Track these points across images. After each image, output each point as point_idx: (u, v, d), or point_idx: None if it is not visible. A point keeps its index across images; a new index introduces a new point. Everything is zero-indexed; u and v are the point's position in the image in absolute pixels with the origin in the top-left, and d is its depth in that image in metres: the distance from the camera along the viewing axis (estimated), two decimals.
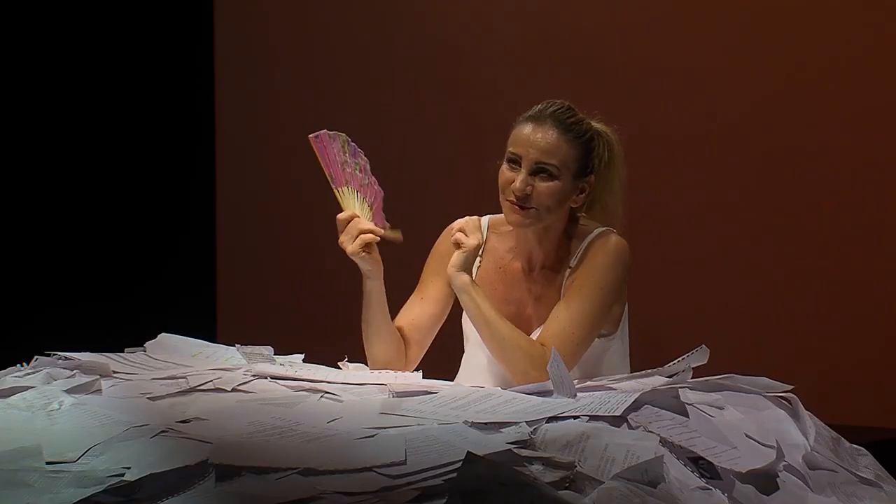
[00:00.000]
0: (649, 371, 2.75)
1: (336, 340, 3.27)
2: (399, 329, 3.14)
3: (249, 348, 3.12)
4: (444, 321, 3.16)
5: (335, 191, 3.08)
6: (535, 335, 2.96)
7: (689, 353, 2.51)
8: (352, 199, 3.10)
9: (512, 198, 2.94)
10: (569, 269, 3.00)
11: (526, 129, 2.99)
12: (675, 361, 2.52)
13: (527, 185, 2.93)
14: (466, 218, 3.05)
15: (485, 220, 3.16)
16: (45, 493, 2.03)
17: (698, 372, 2.45)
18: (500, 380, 2.95)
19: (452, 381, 3.03)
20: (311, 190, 5.76)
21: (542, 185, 2.94)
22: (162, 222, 5.86)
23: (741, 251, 4.58)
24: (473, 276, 3.00)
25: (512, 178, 2.95)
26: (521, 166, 2.95)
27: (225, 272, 5.94)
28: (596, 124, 3.07)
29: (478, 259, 3.11)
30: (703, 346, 2.49)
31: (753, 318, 4.54)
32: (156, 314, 4.97)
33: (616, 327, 3.02)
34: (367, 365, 3.10)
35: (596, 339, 2.97)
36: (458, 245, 2.97)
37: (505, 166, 2.98)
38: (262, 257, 5.84)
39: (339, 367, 3.04)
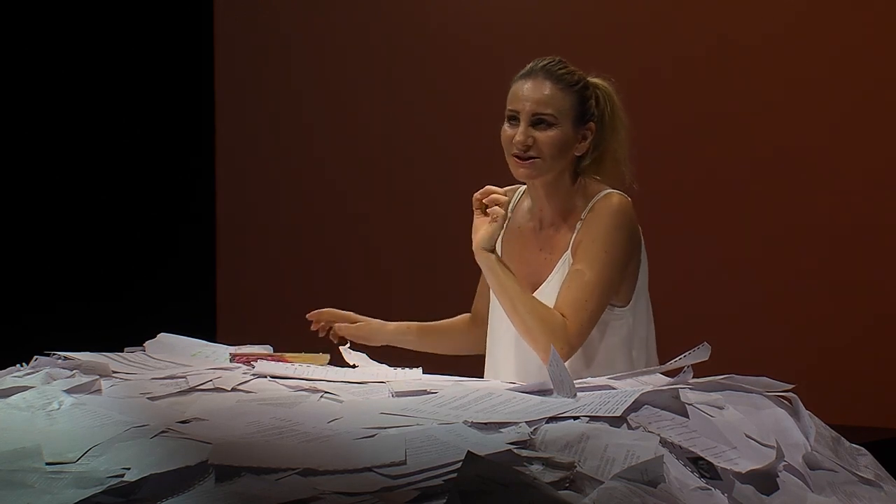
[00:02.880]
0: (650, 369, 2.76)
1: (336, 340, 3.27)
2: (476, 312, 3.28)
3: (249, 348, 3.12)
4: None
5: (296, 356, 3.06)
6: (543, 288, 3.02)
7: (691, 351, 2.51)
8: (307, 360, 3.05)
9: (515, 151, 3.01)
10: (575, 231, 3.03)
11: (520, 86, 3.07)
12: (677, 359, 2.52)
13: (527, 137, 3.00)
14: (503, 190, 3.05)
15: (522, 188, 3.21)
16: (45, 493, 2.03)
17: (699, 371, 2.45)
18: (522, 357, 3.02)
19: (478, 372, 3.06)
20: (310, 190, 5.78)
21: (542, 135, 3.01)
22: (162, 222, 5.86)
23: (742, 251, 4.59)
24: (499, 241, 3.05)
25: (513, 134, 3.02)
26: (520, 121, 3.02)
27: (225, 272, 5.94)
28: (593, 79, 3.12)
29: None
30: (705, 342, 2.49)
31: (754, 317, 4.54)
32: (156, 314, 4.96)
33: (627, 301, 3.04)
34: (367, 355, 3.11)
35: (622, 308, 3.02)
36: (490, 216, 2.98)
37: (506, 125, 3.06)
38: (262, 257, 5.84)
39: (341, 353, 3.06)
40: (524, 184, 3.16)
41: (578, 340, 2.93)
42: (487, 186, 3.01)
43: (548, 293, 3.01)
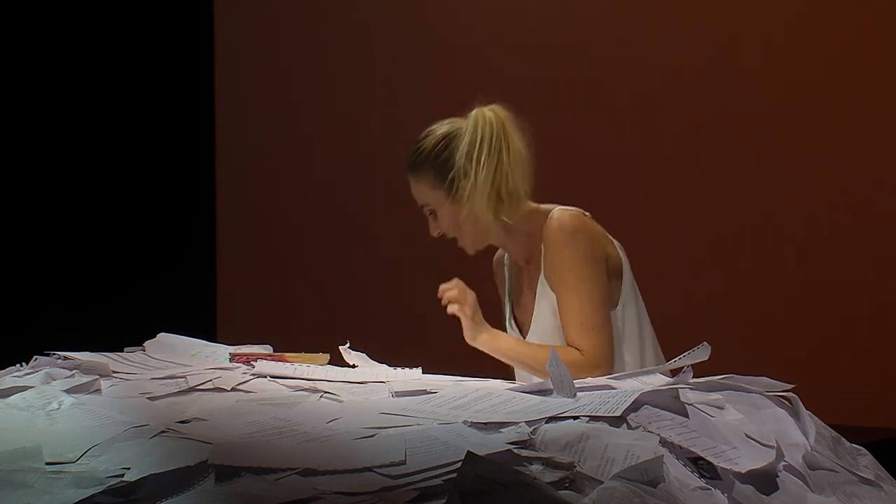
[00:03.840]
0: (649, 369, 2.76)
1: (336, 340, 3.27)
2: None
3: (249, 348, 3.12)
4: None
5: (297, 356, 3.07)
6: (535, 316, 3.07)
7: (691, 351, 2.51)
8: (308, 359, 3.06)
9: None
10: (542, 257, 3.06)
11: None
12: (677, 359, 2.52)
13: (436, 229, 3.12)
14: (452, 284, 3.06)
15: (503, 254, 3.27)
16: (44, 493, 2.02)
17: (699, 371, 2.45)
18: None
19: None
20: (310, 190, 5.78)
21: (440, 222, 3.11)
22: (162, 222, 5.86)
23: (742, 251, 4.59)
24: (511, 306, 3.14)
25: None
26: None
27: (225, 272, 5.94)
28: (463, 120, 3.13)
29: (507, 283, 3.22)
30: (705, 342, 2.49)
31: (753, 317, 4.54)
32: (156, 314, 4.97)
33: (617, 298, 3.05)
34: (367, 354, 3.11)
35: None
36: (455, 313, 3.02)
37: None
38: (262, 257, 5.84)
39: (341, 353, 3.06)
40: None
41: (605, 360, 2.95)
42: (440, 287, 3.02)
43: (539, 319, 3.07)
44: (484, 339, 3.00)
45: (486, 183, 3.03)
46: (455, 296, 3.01)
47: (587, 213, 3.08)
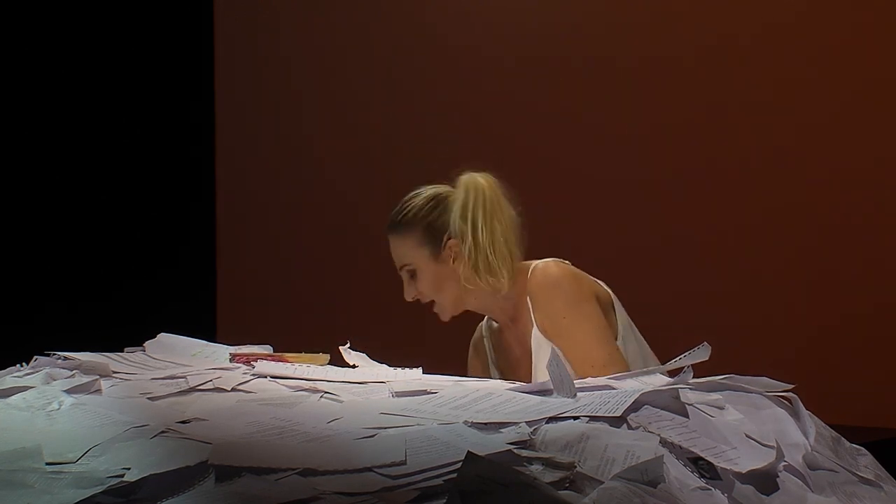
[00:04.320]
0: (650, 369, 2.75)
1: (336, 340, 3.27)
2: None
3: (249, 348, 3.12)
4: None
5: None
6: (535, 371, 3.02)
7: (691, 351, 2.51)
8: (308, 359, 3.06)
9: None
10: (531, 311, 3.04)
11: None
12: (677, 359, 2.52)
13: (412, 292, 3.09)
14: None
15: (480, 327, 3.25)
16: (44, 493, 2.02)
17: (699, 371, 2.45)
18: None
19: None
20: (311, 190, 5.78)
21: (419, 284, 3.07)
22: (162, 222, 5.86)
23: (742, 251, 4.59)
24: (499, 375, 3.14)
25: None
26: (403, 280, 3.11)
27: (225, 272, 5.94)
28: (465, 177, 3.08)
29: (489, 355, 3.22)
30: (705, 342, 2.49)
31: (754, 317, 4.54)
32: (156, 314, 4.97)
33: (614, 336, 3.05)
34: (367, 354, 3.12)
35: None
36: None
37: None
38: (262, 257, 5.84)
39: (341, 353, 3.06)
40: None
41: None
42: None
43: (541, 368, 3.02)
44: None
45: (485, 244, 3.03)
46: None
47: (566, 261, 3.07)
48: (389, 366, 3.03)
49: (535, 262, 3.06)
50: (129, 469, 2.06)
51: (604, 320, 2.98)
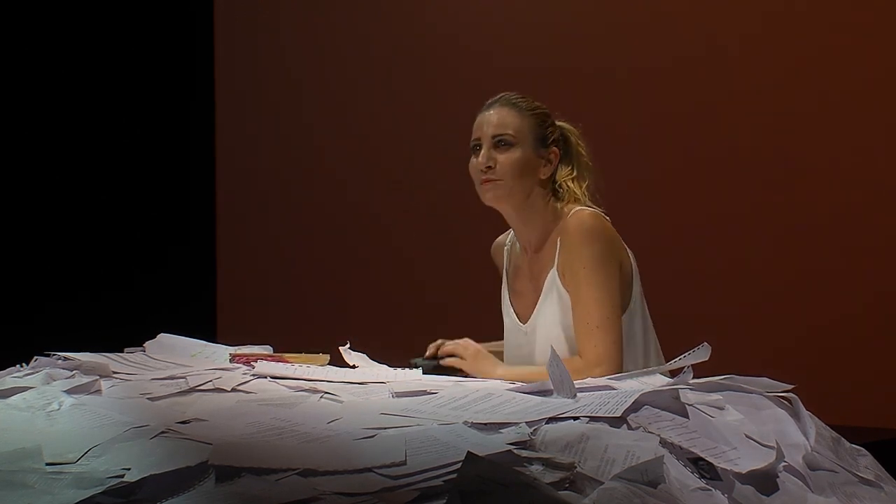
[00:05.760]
0: (650, 369, 2.76)
1: (336, 340, 3.27)
2: None
3: (249, 348, 3.12)
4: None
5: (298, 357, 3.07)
6: (539, 308, 3.06)
7: (691, 351, 2.51)
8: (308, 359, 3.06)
9: (480, 176, 3.06)
10: (557, 252, 3.06)
11: (481, 116, 3.14)
12: (677, 359, 2.52)
13: (489, 159, 3.06)
14: (451, 347, 3.06)
15: (509, 234, 3.26)
16: (44, 493, 2.02)
17: (699, 371, 2.45)
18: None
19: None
20: (310, 190, 5.78)
21: (503, 156, 3.06)
22: (162, 222, 5.86)
23: (742, 251, 4.58)
24: (508, 290, 3.15)
25: (477, 162, 3.08)
26: (482, 147, 3.08)
27: (225, 272, 5.94)
28: (559, 121, 3.18)
29: (504, 281, 3.22)
30: (705, 342, 2.49)
31: (754, 317, 4.54)
32: (156, 314, 4.97)
33: (626, 306, 3.05)
34: (367, 354, 3.11)
35: None
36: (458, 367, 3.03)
37: (472, 157, 3.11)
38: (262, 257, 5.84)
39: (341, 353, 3.06)
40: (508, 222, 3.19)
41: (606, 358, 2.93)
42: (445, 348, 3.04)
43: (543, 312, 3.06)
44: (498, 375, 2.99)
45: (573, 170, 3.14)
46: (457, 350, 3.01)
47: (607, 217, 3.09)
48: (389, 366, 3.03)
49: (577, 206, 3.08)
50: (128, 469, 2.06)
51: (616, 289, 3.00)
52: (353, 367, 3.04)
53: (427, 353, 3.04)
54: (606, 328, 2.94)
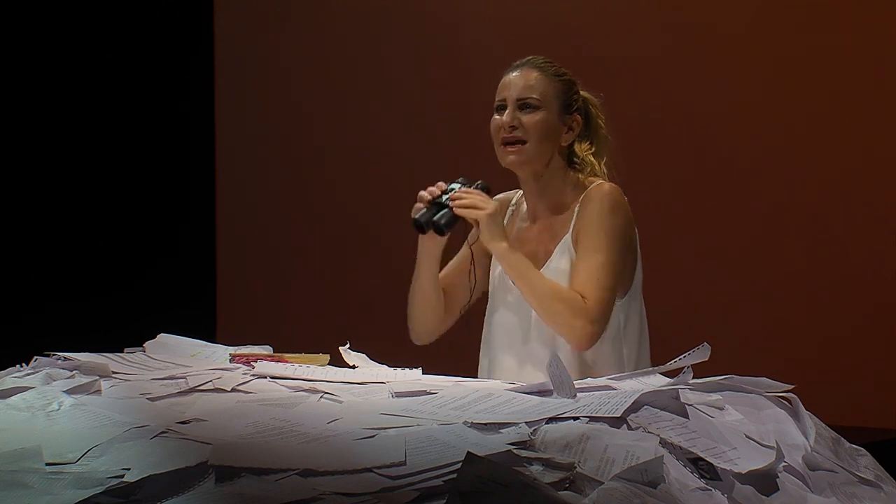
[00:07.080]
0: (650, 370, 2.75)
1: (336, 340, 3.27)
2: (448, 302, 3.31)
3: (249, 348, 3.12)
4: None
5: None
6: (543, 272, 3.04)
7: (691, 351, 2.51)
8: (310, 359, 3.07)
9: (503, 135, 3.07)
10: (573, 220, 3.06)
11: (507, 77, 3.15)
12: (677, 359, 2.52)
13: (514, 119, 3.06)
14: (463, 191, 3.07)
15: (518, 193, 3.23)
16: (44, 494, 2.02)
17: (699, 372, 2.45)
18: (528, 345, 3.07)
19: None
20: (310, 190, 5.78)
21: (528, 118, 3.06)
22: (162, 222, 5.86)
23: (742, 251, 4.59)
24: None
25: (501, 122, 3.08)
26: (507, 108, 3.09)
27: (225, 272, 5.94)
28: (582, 92, 3.18)
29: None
30: (705, 343, 2.50)
31: (753, 318, 4.54)
32: (155, 314, 4.97)
33: (623, 295, 3.06)
34: (367, 355, 3.11)
35: (616, 302, 3.03)
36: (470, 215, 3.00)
37: (495, 115, 3.11)
38: (262, 257, 5.84)
39: (341, 353, 3.05)
40: (518, 185, 3.17)
41: (599, 318, 2.95)
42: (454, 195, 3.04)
43: (547, 273, 3.05)
44: (504, 247, 2.98)
45: (592, 141, 3.14)
46: (475, 201, 3.00)
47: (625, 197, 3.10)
48: (389, 366, 3.02)
49: (599, 179, 3.09)
50: (128, 469, 2.06)
51: (621, 269, 3.01)
52: (353, 367, 3.04)
53: (429, 198, 3.04)
54: (611, 292, 2.97)
